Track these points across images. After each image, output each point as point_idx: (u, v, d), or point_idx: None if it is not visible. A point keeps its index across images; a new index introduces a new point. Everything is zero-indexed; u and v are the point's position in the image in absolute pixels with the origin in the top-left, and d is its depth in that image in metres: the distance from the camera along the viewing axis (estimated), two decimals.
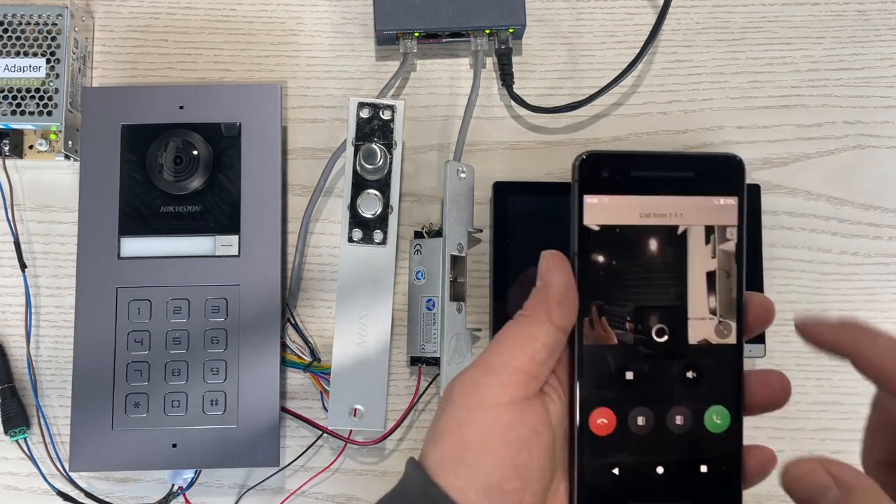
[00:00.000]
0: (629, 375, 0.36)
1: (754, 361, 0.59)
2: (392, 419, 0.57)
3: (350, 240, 0.55)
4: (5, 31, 0.58)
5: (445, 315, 0.54)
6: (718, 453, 0.36)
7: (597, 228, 0.36)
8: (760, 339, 0.56)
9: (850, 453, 0.59)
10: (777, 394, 0.37)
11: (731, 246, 0.37)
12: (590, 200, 0.36)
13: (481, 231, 0.58)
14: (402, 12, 0.59)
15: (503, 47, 0.60)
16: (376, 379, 0.55)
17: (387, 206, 0.55)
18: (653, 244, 0.36)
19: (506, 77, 0.60)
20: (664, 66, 0.62)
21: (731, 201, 0.37)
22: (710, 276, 0.37)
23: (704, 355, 0.36)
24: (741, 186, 0.37)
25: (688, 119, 0.62)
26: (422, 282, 0.56)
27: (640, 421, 0.36)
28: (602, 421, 0.36)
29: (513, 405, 0.34)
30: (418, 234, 0.58)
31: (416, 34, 0.59)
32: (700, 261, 0.36)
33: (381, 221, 0.55)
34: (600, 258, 0.36)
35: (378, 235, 0.55)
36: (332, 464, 0.58)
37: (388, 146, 0.55)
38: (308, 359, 0.58)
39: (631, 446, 0.36)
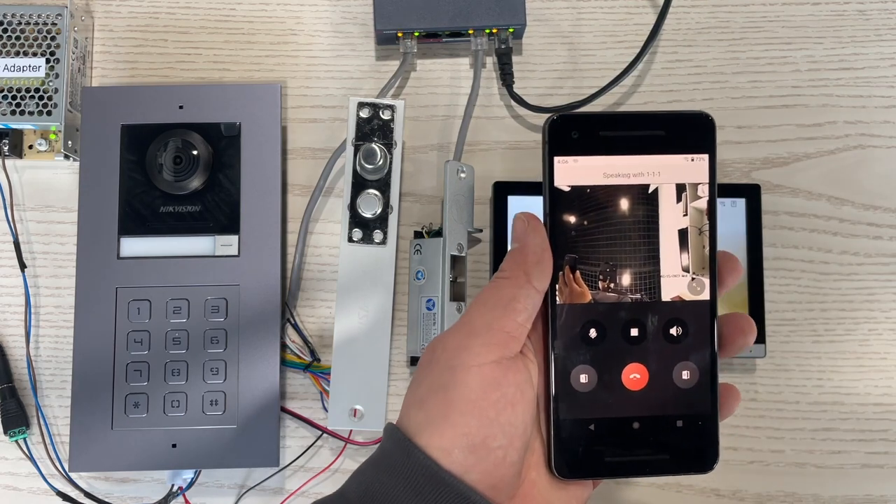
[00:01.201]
0: (602, 333, 0.37)
1: (755, 361, 0.59)
2: (392, 419, 0.57)
3: (350, 240, 0.55)
4: (5, 31, 0.58)
5: (445, 315, 0.54)
6: (694, 408, 0.36)
7: (567, 189, 0.36)
8: (761, 339, 0.56)
9: (851, 453, 0.59)
10: (746, 331, 0.37)
11: (702, 203, 0.37)
12: (560, 161, 0.36)
13: (481, 231, 0.58)
14: (402, 12, 0.59)
15: (503, 47, 0.60)
16: (376, 379, 0.55)
17: (387, 206, 0.55)
18: (624, 203, 0.37)
19: (506, 77, 0.60)
20: (664, 65, 0.62)
21: (702, 158, 0.37)
22: (683, 234, 0.37)
23: (678, 312, 0.37)
24: (712, 144, 0.37)
25: None
26: (422, 282, 0.56)
27: (614, 377, 0.36)
28: (576, 378, 0.36)
29: (497, 365, 0.34)
30: (418, 234, 0.58)
31: (416, 34, 0.59)
32: (671, 218, 0.37)
33: (381, 221, 0.55)
34: (572, 218, 0.36)
35: (378, 235, 0.55)
36: (331, 464, 0.58)
37: (388, 146, 0.55)
38: (308, 359, 0.58)
39: (605, 403, 0.36)
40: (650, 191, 0.37)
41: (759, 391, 0.59)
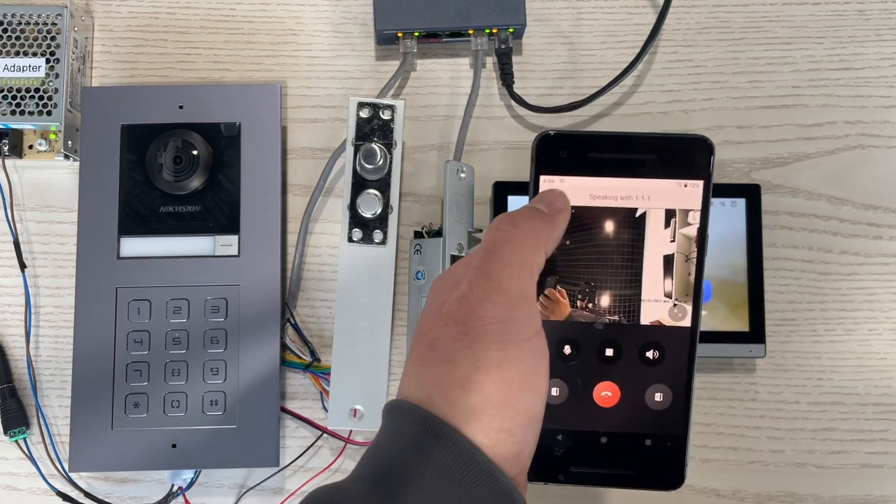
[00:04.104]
0: (576, 350, 0.37)
1: (755, 361, 0.59)
2: None
3: (350, 240, 0.55)
4: (5, 31, 0.58)
5: None
6: (664, 429, 0.37)
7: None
8: (760, 339, 0.56)
9: (851, 453, 0.59)
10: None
11: (692, 230, 0.37)
12: (546, 181, 0.36)
13: (481, 231, 0.58)
14: (402, 12, 0.59)
15: (503, 47, 0.60)
16: (376, 379, 0.55)
17: (387, 206, 0.55)
18: (609, 225, 0.36)
19: (506, 77, 0.60)
20: (664, 65, 0.62)
21: (696, 185, 0.36)
22: (668, 260, 0.37)
23: (656, 336, 0.37)
24: (708, 170, 0.36)
25: (688, 119, 0.62)
26: (422, 282, 0.56)
27: (586, 394, 0.36)
28: (551, 391, 0.36)
29: (539, 335, 0.33)
30: (418, 234, 0.58)
31: (416, 34, 0.59)
32: (658, 244, 0.37)
33: (381, 221, 0.55)
34: None
35: (378, 235, 0.55)
36: (331, 464, 0.58)
37: (388, 146, 0.55)
38: (308, 359, 0.58)
39: (575, 416, 0.36)
40: (637, 215, 0.36)
41: (759, 391, 0.59)
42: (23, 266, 0.58)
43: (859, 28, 0.63)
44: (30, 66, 0.58)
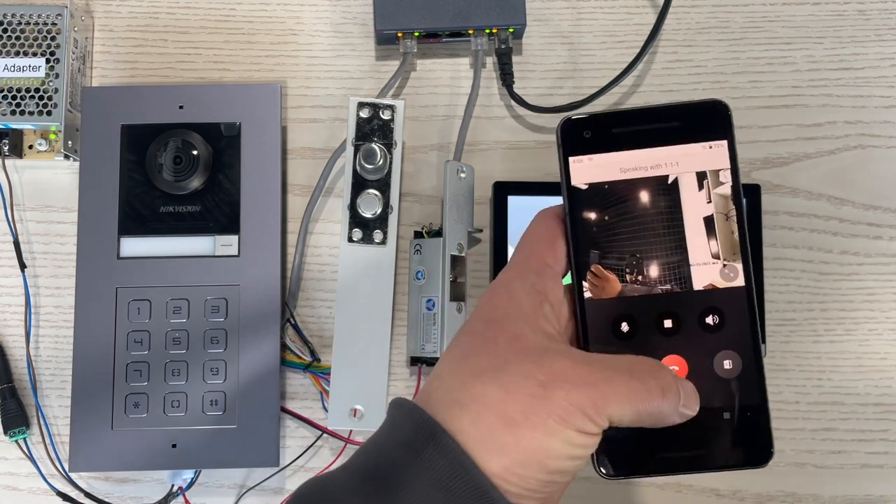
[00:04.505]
0: (634, 327, 0.36)
1: None
2: None
3: (350, 240, 0.55)
4: (5, 30, 0.58)
5: (445, 315, 0.54)
6: (740, 399, 0.35)
7: (584, 187, 0.36)
8: (761, 338, 0.56)
9: (851, 453, 0.59)
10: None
11: (726, 189, 0.37)
12: (575, 161, 0.36)
13: (481, 231, 0.58)
14: (402, 12, 0.59)
15: (503, 47, 0.60)
16: (376, 379, 0.55)
17: (387, 206, 0.55)
18: (644, 196, 0.36)
19: (506, 77, 0.60)
20: (664, 65, 0.62)
21: (721, 144, 0.37)
22: (709, 221, 0.36)
23: (712, 300, 0.36)
24: (729, 129, 0.37)
25: None
26: (422, 282, 0.56)
27: None
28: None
29: (574, 427, 0.33)
30: (418, 234, 0.58)
31: (416, 34, 0.59)
32: (695, 207, 0.36)
33: (381, 221, 0.55)
34: (592, 215, 0.36)
35: (378, 235, 0.55)
36: (331, 464, 0.58)
37: (388, 146, 0.55)
38: (308, 359, 0.58)
39: None
40: (670, 181, 0.36)
41: None
42: (23, 266, 0.58)
43: (859, 28, 0.63)
44: (30, 66, 0.58)
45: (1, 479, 0.58)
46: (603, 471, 0.35)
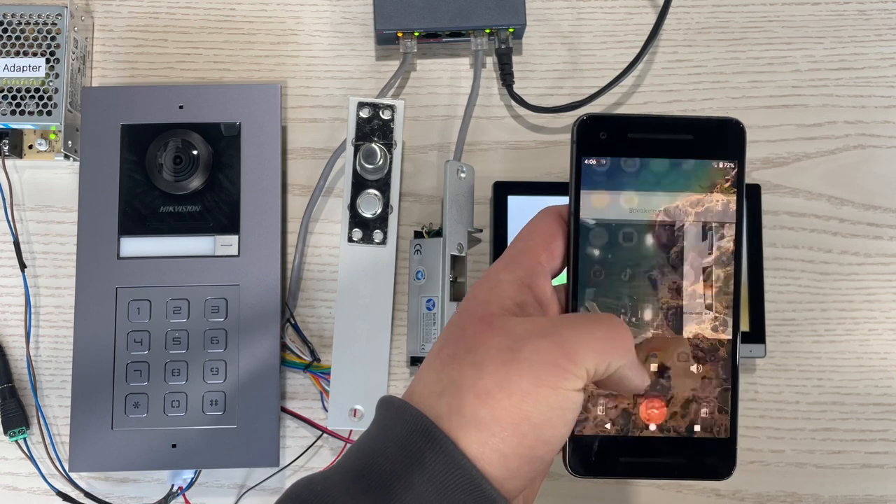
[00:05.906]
0: None
1: (755, 361, 0.59)
2: None
3: (350, 240, 0.55)
4: (5, 30, 0.58)
5: (445, 315, 0.54)
6: (711, 433, 0.37)
7: (592, 223, 0.37)
8: (761, 339, 0.56)
9: (851, 453, 0.59)
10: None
11: (728, 242, 0.38)
12: (588, 161, 0.37)
13: (481, 231, 0.58)
14: (402, 12, 0.59)
15: (503, 47, 0.60)
16: (376, 379, 0.55)
17: (387, 205, 0.55)
18: (648, 238, 0.37)
19: (506, 77, 0.60)
20: (664, 65, 0.62)
21: (731, 168, 0.39)
22: (707, 271, 0.37)
23: (698, 350, 0.37)
24: (741, 151, 0.39)
25: None
26: (422, 282, 0.56)
27: (632, 410, 0.36)
28: (593, 407, 0.36)
29: (580, 395, 0.33)
30: (418, 234, 0.58)
31: (416, 34, 0.59)
32: (696, 255, 0.37)
33: (381, 221, 0.55)
34: (595, 251, 0.37)
35: (378, 235, 0.55)
36: (331, 464, 0.57)
37: (388, 146, 0.55)
38: (308, 359, 0.58)
39: (622, 428, 0.36)
40: (676, 227, 0.37)
41: (759, 391, 0.59)
42: (23, 266, 0.58)
43: (859, 28, 0.63)
44: (30, 66, 0.58)
45: (1, 479, 0.58)
46: (573, 472, 0.36)
